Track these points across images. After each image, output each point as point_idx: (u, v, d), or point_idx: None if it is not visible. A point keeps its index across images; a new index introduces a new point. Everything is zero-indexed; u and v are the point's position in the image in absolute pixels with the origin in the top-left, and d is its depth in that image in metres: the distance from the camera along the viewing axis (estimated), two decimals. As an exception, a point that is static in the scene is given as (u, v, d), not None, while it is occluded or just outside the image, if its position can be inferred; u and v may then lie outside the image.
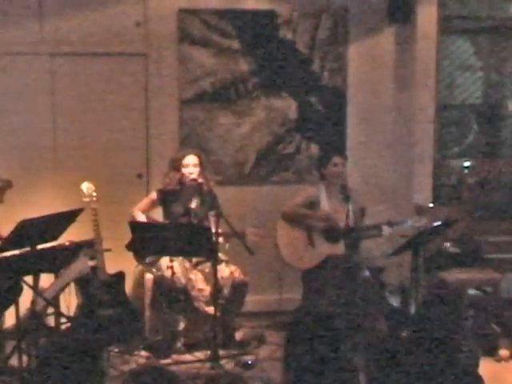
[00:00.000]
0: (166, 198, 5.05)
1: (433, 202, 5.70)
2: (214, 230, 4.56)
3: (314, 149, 5.85)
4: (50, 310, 4.73)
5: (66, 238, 4.56)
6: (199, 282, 4.89)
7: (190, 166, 5.00)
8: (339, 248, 4.97)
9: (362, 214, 5.17)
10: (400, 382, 2.69)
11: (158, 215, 5.15)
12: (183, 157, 5.04)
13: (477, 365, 3.69)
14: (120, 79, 5.55)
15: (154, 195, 5.11)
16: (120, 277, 4.98)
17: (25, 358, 4.25)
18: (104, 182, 5.27)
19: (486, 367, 4.31)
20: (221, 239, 4.82)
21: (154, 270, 4.98)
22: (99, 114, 5.53)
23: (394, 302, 5.37)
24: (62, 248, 4.47)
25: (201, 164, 5.05)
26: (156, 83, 5.57)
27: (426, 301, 4.54)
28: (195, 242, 4.47)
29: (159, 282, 4.88)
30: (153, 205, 5.12)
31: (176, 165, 5.04)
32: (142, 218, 5.00)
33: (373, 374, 2.79)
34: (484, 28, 6.24)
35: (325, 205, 5.08)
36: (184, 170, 5.01)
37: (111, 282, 4.91)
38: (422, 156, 5.83)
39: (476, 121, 6.32)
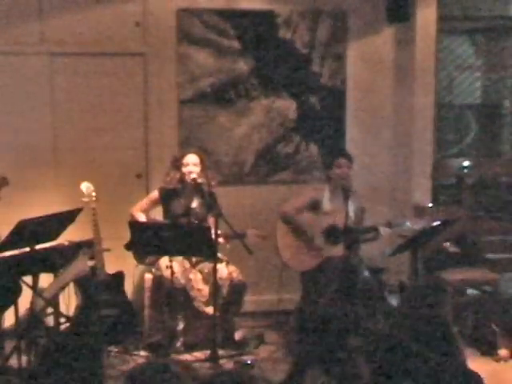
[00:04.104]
0: (167, 197, 5.06)
1: (432, 202, 5.70)
2: (213, 231, 4.56)
3: (314, 149, 5.85)
4: (50, 309, 4.73)
5: (66, 237, 4.56)
6: (198, 282, 4.90)
7: (190, 164, 5.00)
8: (339, 249, 4.96)
9: (362, 215, 5.17)
10: (400, 381, 2.69)
11: (159, 215, 5.15)
12: (183, 156, 5.05)
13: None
14: (119, 79, 5.55)
15: (155, 194, 5.11)
16: (119, 277, 4.98)
17: (24, 358, 4.25)
18: (103, 181, 5.28)
19: (485, 367, 4.32)
20: (221, 239, 4.82)
21: (153, 269, 4.98)
22: (98, 113, 5.53)
23: (394, 301, 5.37)
24: (61, 248, 4.48)
25: (202, 163, 5.05)
26: (155, 83, 5.57)
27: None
28: (195, 242, 4.47)
29: (158, 281, 4.88)
30: (154, 204, 5.12)
31: (176, 164, 5.05)
32: (141, 217, 5.00)
33: (373, 373, 2.80)
34: (484, 28, 6.25)
35: (326, 205, 5.07)
36: (184, 169, 5.01)
37: (110, 281, 4.91)
38: (421, 156, 5.84)
39: (475, 120, 6.32)
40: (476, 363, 3.90)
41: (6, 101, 5.37)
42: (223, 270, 4.88)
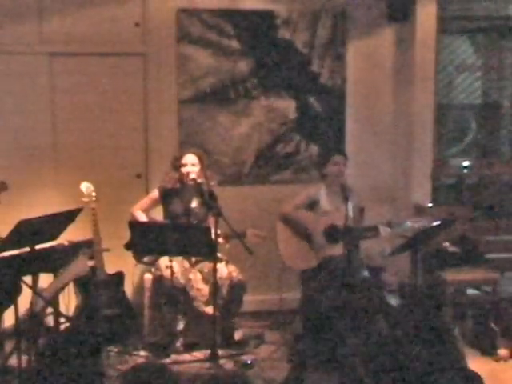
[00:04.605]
0: (166, 196, 5.06)
1: (432, 202, 5.70)
2: (213, 230, 4.56)
3: (314, 149, 5.86)
4: (49, 310, 4.73)
5: (65, 237, 4.55)
6: (198, 282, 4.90)
7: (189, 164, 5.01)
8: (338, 248, 4.96)
9: (362, 214, 5.17)
10: (400, 381, 2.69)
11: (159, 214, 5.15)
12: (182, 156, 5.06)
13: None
14: (119, 79, 5.55)
15: (155, 193, 5.12)
16: (119, 277, 4.98)
17: (24, 358, 4.25)
18: (103, 181, 5.28)
19: (485, 367, 4.32)
20: (221, 239, 4.82)
21: (153, 269, 4.98)
22: (98, 113, 5.53)
23: (394, 301, 5.37)
24: (60, 248, 4.47)
25: (200, 163, 5.06)
26: (155, 83, 5.57)
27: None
28: (194, 242, 4.47)
29: (158, 281, 4.88)
30: (154, 203, 5.12)
31: (175, 164, 5.06)
32: (141, 217, 5.01)
33: (373, 373, 2.80)
34: (483, 28, 6.25)
35: (324, 204, 5.08)
36: (183, 169, 5.02)
37: (110, 281, 4.91)
38: (421, 155, 5.84)
39: (475, 120, 6.32)
40: (476, 363, 3.90)
41: (6, 101, 5.37)
42: (223, 269, 4.88)
